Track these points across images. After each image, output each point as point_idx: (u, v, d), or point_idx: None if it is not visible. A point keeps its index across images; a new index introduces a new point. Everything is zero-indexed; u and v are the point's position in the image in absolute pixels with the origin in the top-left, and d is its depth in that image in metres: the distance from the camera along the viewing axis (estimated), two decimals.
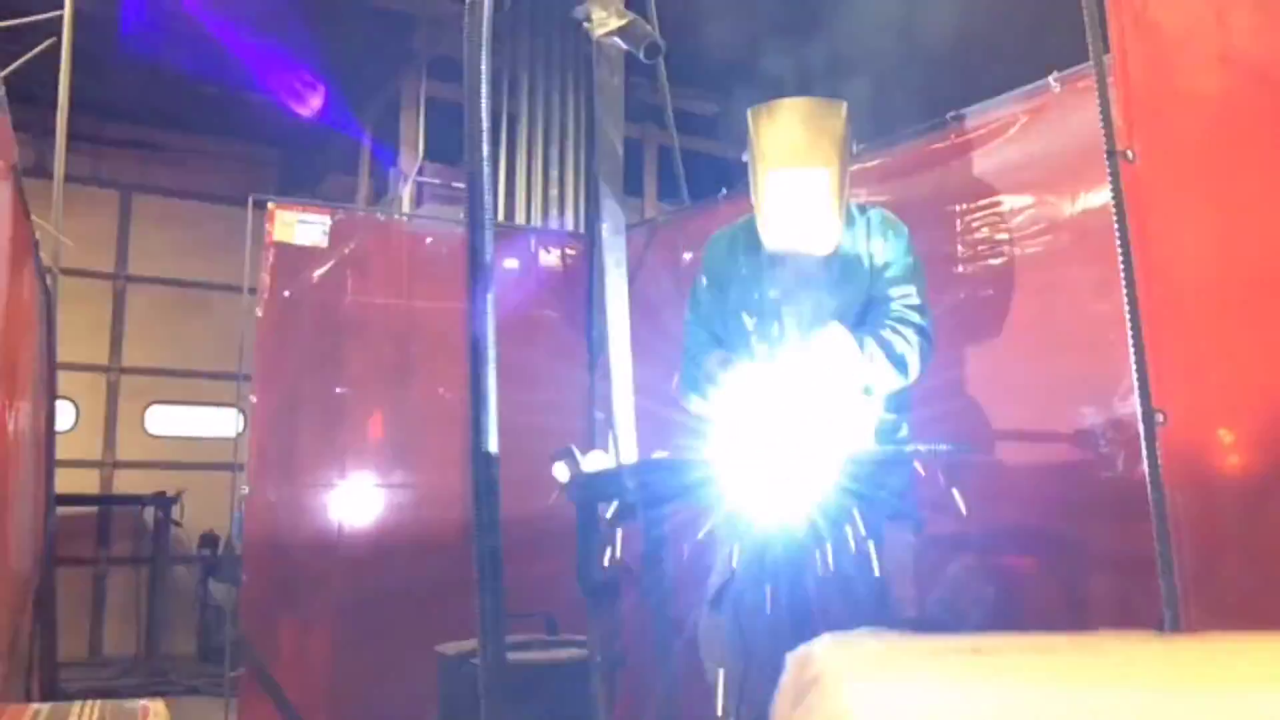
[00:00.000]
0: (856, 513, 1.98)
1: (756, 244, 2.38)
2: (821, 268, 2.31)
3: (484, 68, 1.68)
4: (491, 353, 1.63)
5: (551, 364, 4.42)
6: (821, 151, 2.17)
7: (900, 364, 2.24)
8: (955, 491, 1.96)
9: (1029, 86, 2.88)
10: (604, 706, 1.79)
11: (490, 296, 1.63)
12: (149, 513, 7.50)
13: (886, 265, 2.35)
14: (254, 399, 4.14)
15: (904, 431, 2.36)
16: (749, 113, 2.28)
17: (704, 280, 2.51)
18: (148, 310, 8.10)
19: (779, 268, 2.33)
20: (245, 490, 4.10)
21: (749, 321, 2.32)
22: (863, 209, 2.44)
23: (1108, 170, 2.02)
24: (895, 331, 2.25)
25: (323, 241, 4.26)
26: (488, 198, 1.67)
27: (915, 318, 2.30)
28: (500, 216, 5.67)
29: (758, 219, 2.27)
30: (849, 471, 1.91)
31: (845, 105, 2.26)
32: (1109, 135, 2.03)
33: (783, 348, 2.26)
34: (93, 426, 7.80)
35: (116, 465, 7.84)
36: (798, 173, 2.17)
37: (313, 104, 7.90)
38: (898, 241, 2.38)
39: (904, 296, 2.32)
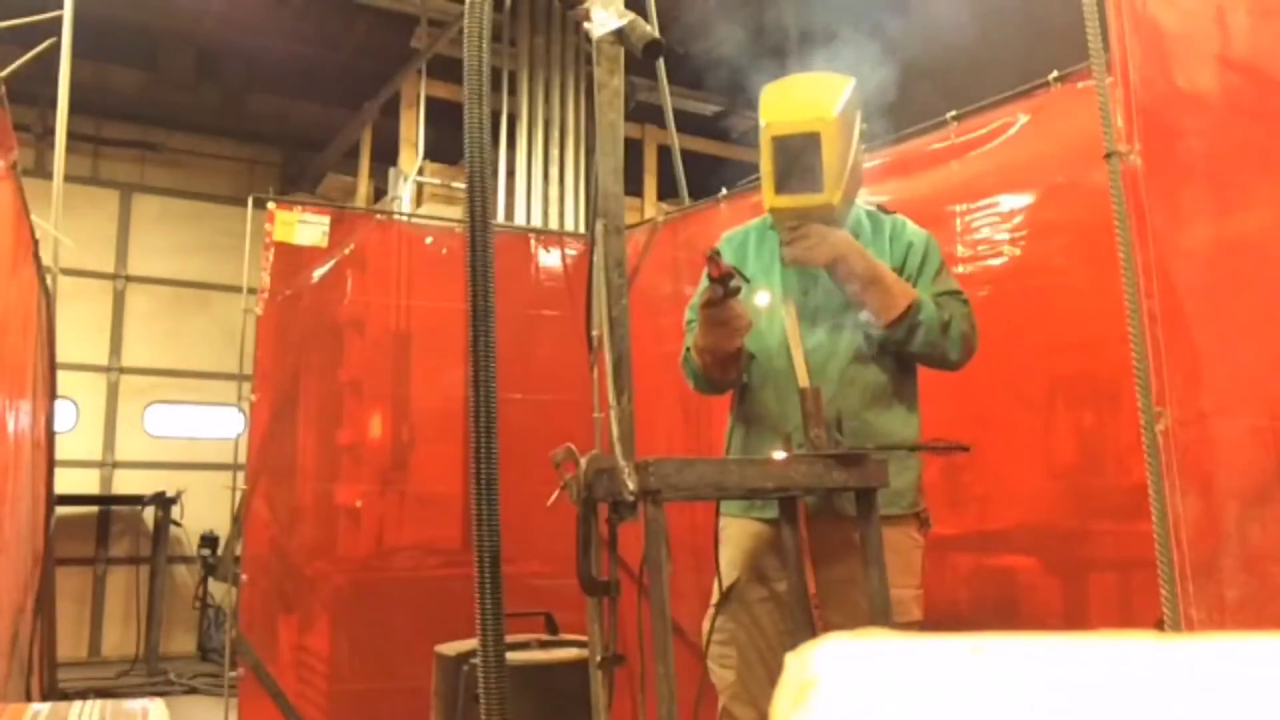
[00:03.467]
0: (859, 511, 1.97)
1: (767, 243, 2.36)
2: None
3: (484, 68, 1.68)
4: (492, 353, 1.63)
5: (551, 364, 4.42)
6: (818, 107, 2.14)
7: (947, 327, 2.15)
8: None
9: (1029, 86, 2.88)
10: (604, 706, 1.79)
11: (490, 296, 1.63)
12: (149, 513, 7.51)
13: (924, 263, 2.28)
14: (254, 399, 4.14)
15: (917, 431, 2.31)
16: (761, 91, 2.26)
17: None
18: (148, 310, 8.10)
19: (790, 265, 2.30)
20: (245, 490, 4.10)
21: (756, 318, 2.27)
22: (887, 213, 2.40)
23: (1108, 170, 2.02)
24: (938, 304, 2.17)
25: (323, 241, 4.26)
26: (488, 198, 1.67)
27: (961, 301, 2.23)
28: (500, 216, 5.67)
29: (762, 185, 2.22)
30: (854, 470, 1.91)
31: (852, 80, 2.24)
32: (1109, 135, 2.03)
33: (792, 341, 2.24)
34: (93, 426, 7.80)
35: (116, 465, 7.85)
36: (793, 122, 2.13)
37: (312, 104, 7.90)
38: (927, 243, 2.31)
39: (943, 283, 2.26)
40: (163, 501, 7.37)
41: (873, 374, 2.21)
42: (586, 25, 1.82)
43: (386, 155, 6.51)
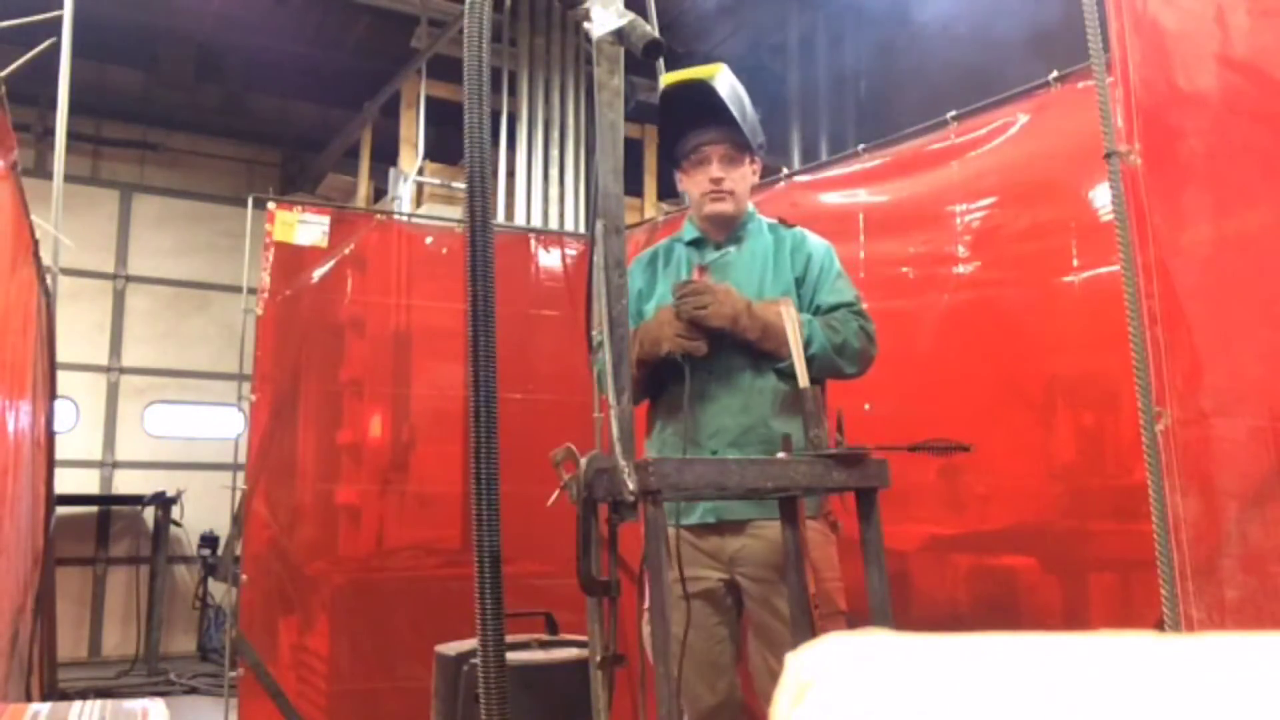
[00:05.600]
0: (859, 511, 1.97)
1: (676, 259, 2.46)
2: (744, 274, 2.34)
3: (484, 68, 1.68)
4: (492, 353, 1.63)
5: (551, 364, 4.42)
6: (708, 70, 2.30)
7: (842, 349, 2.24)
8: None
9: (1029, 86, 2.88)
10: (604, 706, 1.79)
11: (490, 296, 1.63)
12: (149, 513, 7.51)
13: (821, 273, 2.36)
14: (254, 399, 4.14)
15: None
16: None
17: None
18: (148, 310, 8.10)
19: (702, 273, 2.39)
20: (245, 490, 4.10)
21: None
22: (789, 226, 2.46)
23: (1108, 170, 2.02)
24: (830, 327, 2.26)
25: (323, 241, 4.26)
26: (488, 198, 1.67)
27: (855, 312, 2.31)
28: (500, 216, 5.67)
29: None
30: (854, 470, 1.91)
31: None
32: (1109, 135, 2.03)
33: (792, 341, 2.27)
34: (93, 426, 7.81)
35: (116, 465, 7.85)
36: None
37: (312, 104, 7.90)
38: (825, 254, 2.39)
39: (837, 293, 2.34)
40: (163, 501, 7.37)
41: (774, 383, 2.28)
42: (586, 25, 1.82)
43: (386, 155, 6.51)
